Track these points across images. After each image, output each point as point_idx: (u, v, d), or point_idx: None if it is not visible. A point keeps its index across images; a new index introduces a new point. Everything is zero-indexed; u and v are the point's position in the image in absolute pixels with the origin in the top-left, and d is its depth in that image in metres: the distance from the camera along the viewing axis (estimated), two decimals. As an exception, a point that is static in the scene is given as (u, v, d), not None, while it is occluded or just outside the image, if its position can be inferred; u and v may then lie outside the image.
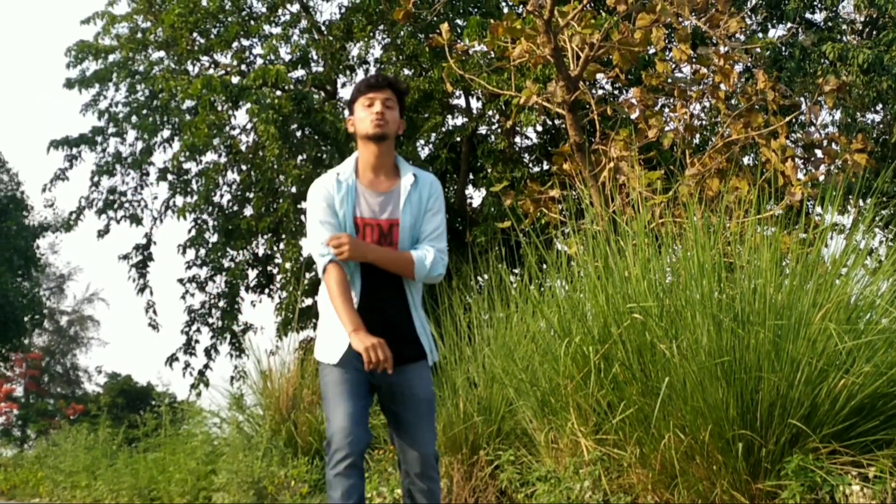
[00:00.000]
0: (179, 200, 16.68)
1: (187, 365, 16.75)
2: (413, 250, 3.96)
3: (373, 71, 15.29)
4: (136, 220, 16.91)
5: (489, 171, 13.82)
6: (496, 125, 14.36)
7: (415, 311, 4.02)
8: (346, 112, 4.07)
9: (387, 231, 3.97)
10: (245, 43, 15.58)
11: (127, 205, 16.92)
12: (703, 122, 10.65)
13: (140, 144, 16.69)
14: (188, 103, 15.25)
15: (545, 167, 14.42)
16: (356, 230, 3.94)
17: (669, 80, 9.28)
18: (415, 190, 4.02)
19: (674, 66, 9.78)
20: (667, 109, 9.58)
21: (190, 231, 16.67)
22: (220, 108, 14.53)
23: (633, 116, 9.38)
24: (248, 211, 15.89)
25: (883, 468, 4.61)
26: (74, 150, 16.57)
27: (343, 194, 3.96)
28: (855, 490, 4.44)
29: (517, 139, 14.78)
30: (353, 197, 3.97)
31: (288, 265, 15.00)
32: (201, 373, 16.68)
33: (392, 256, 3.93)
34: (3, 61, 76.29)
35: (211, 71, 15.56)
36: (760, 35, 14.52)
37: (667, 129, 9.02)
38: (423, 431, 3.91)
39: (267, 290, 16.94)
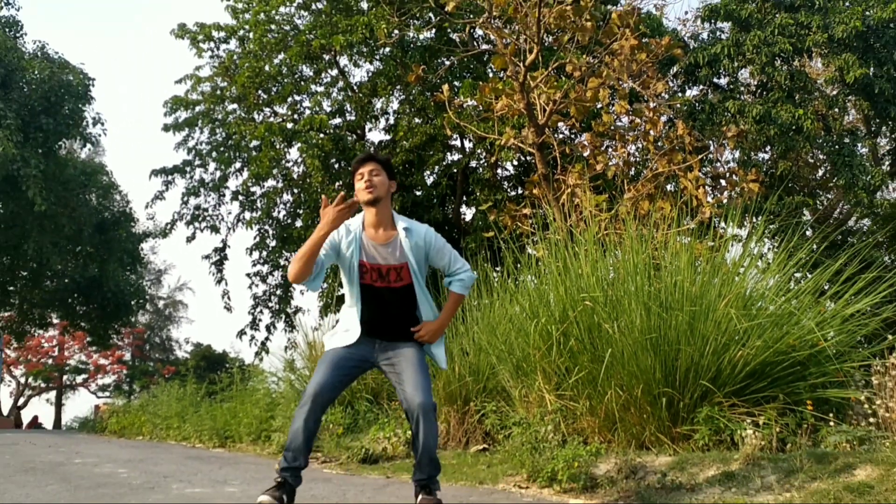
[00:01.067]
0: (247, 215, 16.70)
1: (253, 338, 16.76)
2: (454, 287, 4.00)
3: (392, 119, 15.26)
4: (215, 229, 16.95)
5: (478, 194, 13.79)
6: (483, 160, 14.34)
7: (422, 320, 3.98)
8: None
9: (385, 273, 3.88)
10: (297, 98, 15.57)
11: (208, 218, 16.95)
12: (637, 159, 10.64)
13: (218, 173, 16.73)
14: (254, 143, 15.29)
15: (520, 191, 14.39)
16: (361, 272, 3.87)
17: (612, 128, 9.28)
18: (410, 237, 3.92)
19: (615, 117, 9.78)
20: (610, 149, 9.57)
21: (255, 238, 16.74)
22: (277, 147, 14.52)
23: (585, 154, 9.37)
24: (299, 223, 15.86)
25: (770, 417, 4.61)
26: (170, 177, 16.70)
27: (350, 240, 3.89)
28: (749, 433, 4.44)
29: (499, 170, 14.76)
30: (358, 244, 3.88)
31: (328, 264, 14.98)
32: (263, 344, 16.67)
33: (452, 311, 4.03)
34: (117, 112, 76.19)
35: (271, 119, 15.55)
36: (680, 94, 14.51)
37: (610, 163, 9.02)
38: (418, 382, 3.74)
39: (312, 282, 16.92)
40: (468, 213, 15.31)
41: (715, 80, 14.85)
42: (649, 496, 4.13)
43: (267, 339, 16.68)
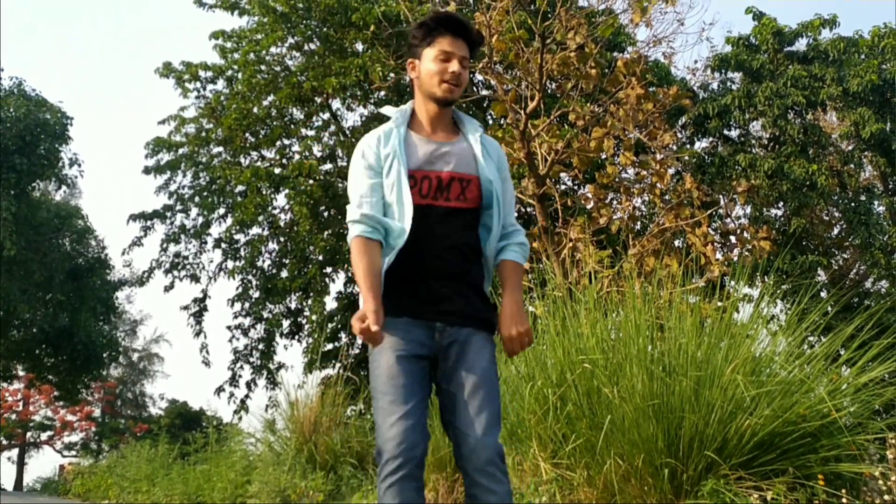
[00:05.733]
0: (230, 264, 16.71)
1: (232, 395, 16.61)
2: (512, 254, 2.90)
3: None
4: (195, 278, 16.93)
5: (475, 246, 13.85)
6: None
7: (486, 281, 2.95)
8: (410, 53, 2.90)
9: (445, 184, 2.74)
10: (286, 142, 15.72)
11: (188, 266, 16.94)
12: (643, 213, 10.72)
13: (200, 219, 16.78)
14: (240, 188, 15.40)
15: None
16: (412, 184, 2.72)
17: (617, 180, 9.37)
18: (485, 146, 2.84)
19: (620, 168, 9.87)
20: (615, 202, 9.66)
21: (237, 288, 16.68)
22: (264, 193, 14.63)
23: (588, 207, 9.45)
24: (284, 273, 15.87)
25: (779, 492, 4.58)
26: (148, 223, 16.73)
27: (389, 148, 2.75)
28: (757, 509, 4.41)
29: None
30: (402, 145, 2.75)
31: (314, 317, 14.96)
32: (242, 401, 16.53)
33: (520, 289, 2.91)
34: (95, 152, 76.68)
35: (258, 163, 15.67)
36: (688, 146, 14.68)
37: (614, 217, 9.08)
38: (486, 415, 2.59)
39: (297, 337, 16.86)
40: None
41: (725, 132, 15.05)
42: (650, 576, 4.09)
43: (247, 396, 16.55)
